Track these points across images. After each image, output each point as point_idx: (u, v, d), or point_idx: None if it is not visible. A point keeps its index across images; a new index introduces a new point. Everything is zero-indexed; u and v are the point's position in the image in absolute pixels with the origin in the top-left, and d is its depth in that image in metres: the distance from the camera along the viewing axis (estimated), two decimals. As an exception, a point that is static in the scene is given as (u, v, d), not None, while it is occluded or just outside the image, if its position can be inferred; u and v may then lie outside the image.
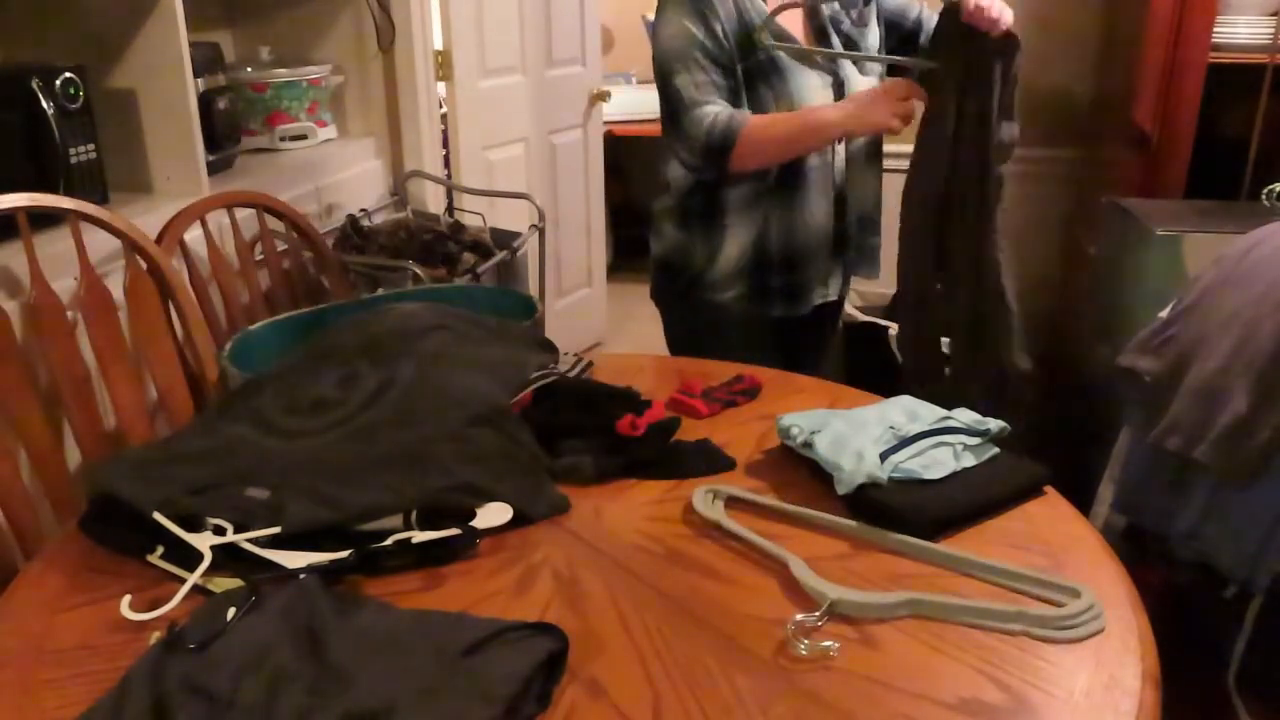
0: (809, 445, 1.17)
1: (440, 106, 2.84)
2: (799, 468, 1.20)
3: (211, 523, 1.02)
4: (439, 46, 2.80)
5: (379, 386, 1.21)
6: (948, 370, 1.80)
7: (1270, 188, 2.04)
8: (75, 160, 1.67)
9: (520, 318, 1.50)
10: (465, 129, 2.92)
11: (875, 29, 1.81)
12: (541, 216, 2.51)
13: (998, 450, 1.19)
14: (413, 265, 2.07)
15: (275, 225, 2.05)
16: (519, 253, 2.35)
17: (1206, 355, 1.50)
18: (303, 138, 2.49)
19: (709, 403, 1.37)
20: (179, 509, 1.03)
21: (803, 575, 0.97)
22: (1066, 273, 2.76)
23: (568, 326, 3.53)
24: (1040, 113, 2.62)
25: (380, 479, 1.08)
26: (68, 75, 1.65)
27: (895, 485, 1.10)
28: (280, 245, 2.06)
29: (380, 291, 1.93)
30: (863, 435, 1.16)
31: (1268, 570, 1.40)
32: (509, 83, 3.13)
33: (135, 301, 1.63)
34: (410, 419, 1.15)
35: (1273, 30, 2.07)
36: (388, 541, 1.01)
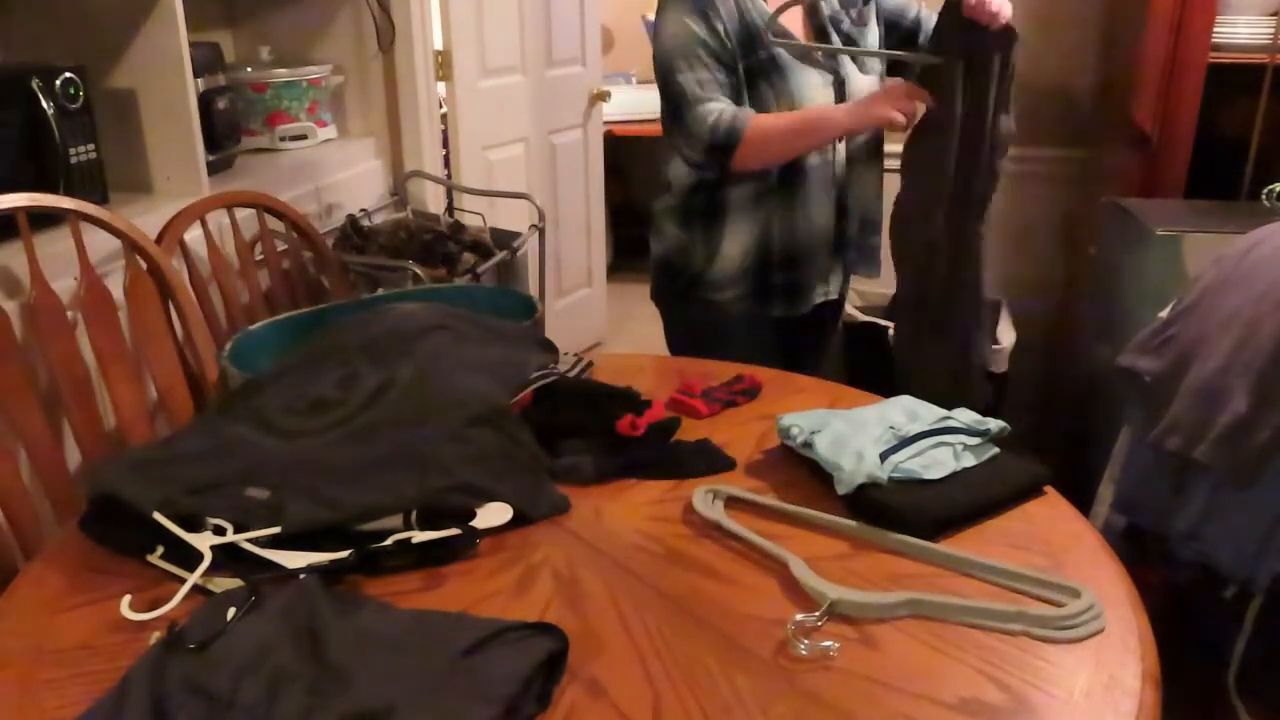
0: (809, 445, 1.17)
1: (440, 106, 2.84)
2: (799, 468, 1.20)
3: (211, 523, 1.02)
4: (439, 46, 2.80)
5: (379, 387, 1.21)
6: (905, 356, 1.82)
7: (1270, 188, 2.05)
8: (75, 160, 1.67)
9: (520, 318, 1.50)
10: (465, 129, 2.92)
11: (875, 28, 1.81)
12: (541, 216, 2.51)
13: (998, 450, 1.19)
14: (413, 265, 2.07)
15: (275, 225, 2.05)
16: (519, 253, 2.35)
17: (1206, 355, 1.50)
18: (303, 138, 2.48)
19: (709, 403, 1.37)
20: (179, 509, 1.03)
21: (803, 575, 0.97)
22: (1066, 273, 2.76)
23: (568, 326, 3.53)
24: (1041, 112, 2.63)
25: (380, 479, 1.08)
26: (68, 75, 1.65)
27: (895, 485, 1.10)
28: (280, 245, 2.06)
29: (380, 291, 1.92)
30: (863, 435, 1.16)
31: (1268, 570, 1.40)
32: (509, 83, 3.13)
33: (135, 301, 1.63)
34: (410, 419, 1.15)
35: (1273, 30, 2.08)
36: (388, 541, 1.01)
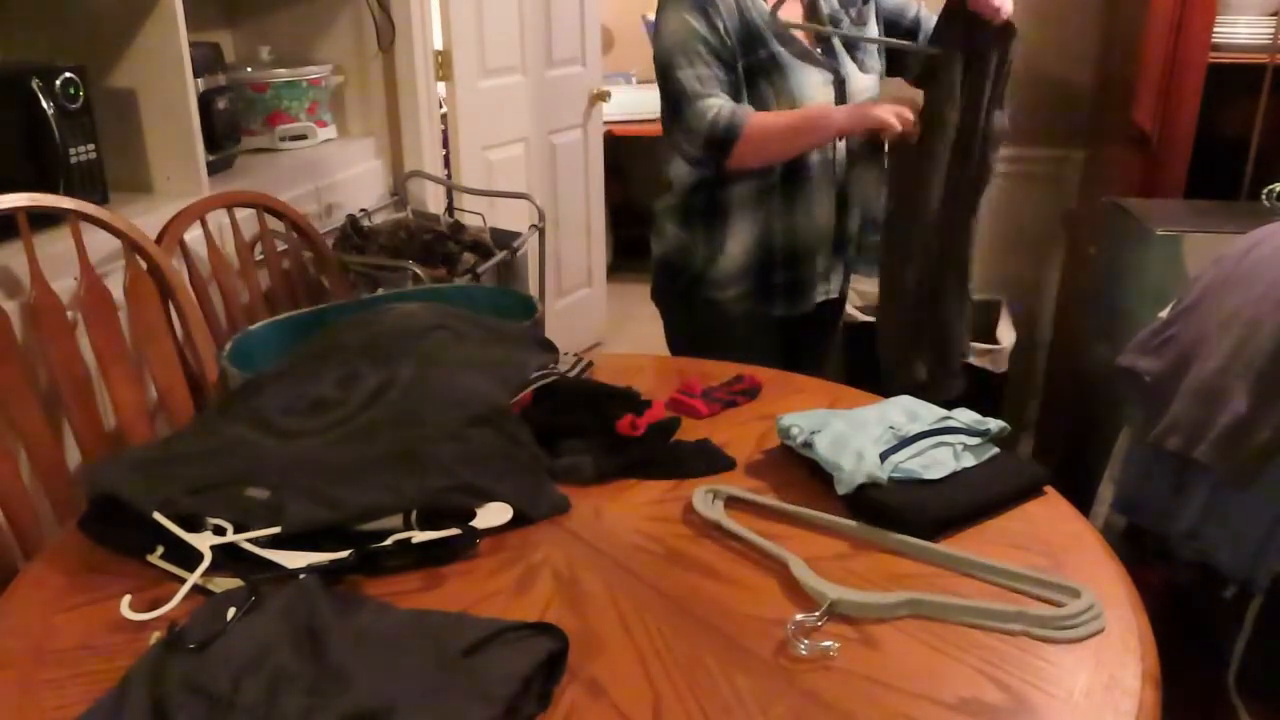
0: (809, 445, 1.17)
1: (440, 106, 2.83)
2: (799, 468, 1.20)
3: (211, 523, 1.02)
4: (439, 46, 2.80)
5: (379, 386, 1.21)
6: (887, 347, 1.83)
7: (1270, 188, 2.05)
8: (75, 160, 1.67)
9: (520, 318, 1.50)
10: (465, 129, 2.92)
11: (874, 27, 1.82)
12: (541, 216, 2.51)
13: (998, 450, 1.19)
14: (413, 265, 2.07)
15: (275, 225, 2.05)
16: (519, 253, 2.35)
17: (1206, 355, 1.50)
18: (303, 138, 2.48)
19: (709, 403, 1.37)
20: (179, 509, 1.03)
21: (803, 575, 0.97)
22: (1066, 273, 2.76)
23: (568, 326, 3.53)
24: (1041, 112, 2.63)
25: (380, 479, 1.08)
26: (68, 75, 1.65)
27: (895, 485, 1.10)
28: (280, 245, 2.06)
29: (380, 291, 1.92)
30: (863, 435, 1.16)
31: (1268, 570, 1.40)
32: (509, 83, 3.13)
33: (135, 301, 1.63)
34: (410, 419, 1.15)
35: (1273, 30, 2.08)
36: (388, 541, 1.01)
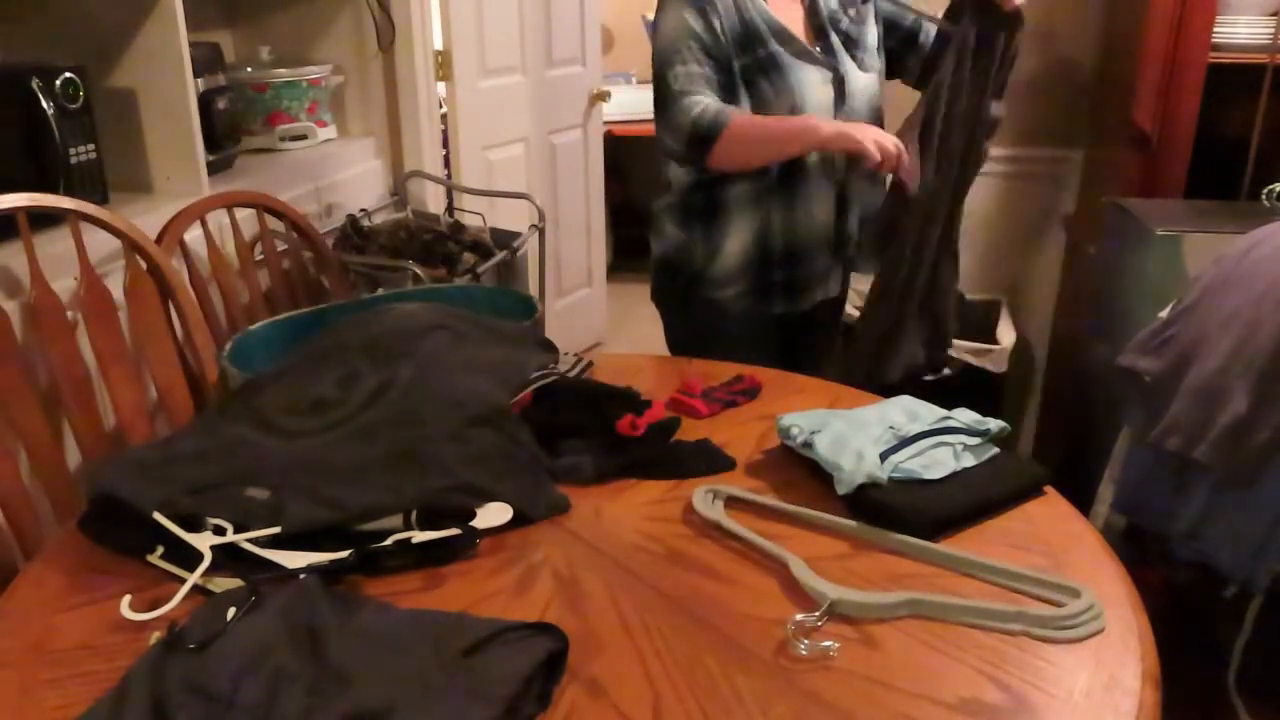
0: (809, 445, 1.17)
1: (440, 106, 2.83)
2: (799, 468, 1.20)
3: (211, 523, 1.02)
4: (439, 46, 2.80)
5: (379, 386, 1.21)
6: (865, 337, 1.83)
7: (1270, 188, 2.04)
8: (75, 160, 1.67)
9: (520, 318, 1.50)
10: (465, 129, 2.92)
11: (873, 27, 1.82)
12: (541, 216, 2.51)
13: (998, 450, 1.19)
14: (413, 265, 2.07)
15: (275, 225, 2.05)
16: (519, 253, 2.35)
17: (1206, 355, 1.50)
18: (303, 138, 2.48)
19: (709, 403, 1.37)
20: (179, 509, 1.03)
21: (803, 575, 0.97)
22: (1066, 273, 2.76)
23: (568, 326, 3.53)
24: (1041, 112, 2.63)
25: (380, 479, 1.08)
26: (68, 75, 1.65)
27: (895, 485, 1.10)
28: (280, 245, 2.06)
29: (380, 291, 1.92)
30: (863, 435, 1.16)
31: (1268, 570, 1.40)
32: (509, 83, 3.13)
33: (135, 301, 1.63)
34: (410, 419, 1.15)
35: (1273, 30, 2.08)
36: (388, 541, 1.01)
